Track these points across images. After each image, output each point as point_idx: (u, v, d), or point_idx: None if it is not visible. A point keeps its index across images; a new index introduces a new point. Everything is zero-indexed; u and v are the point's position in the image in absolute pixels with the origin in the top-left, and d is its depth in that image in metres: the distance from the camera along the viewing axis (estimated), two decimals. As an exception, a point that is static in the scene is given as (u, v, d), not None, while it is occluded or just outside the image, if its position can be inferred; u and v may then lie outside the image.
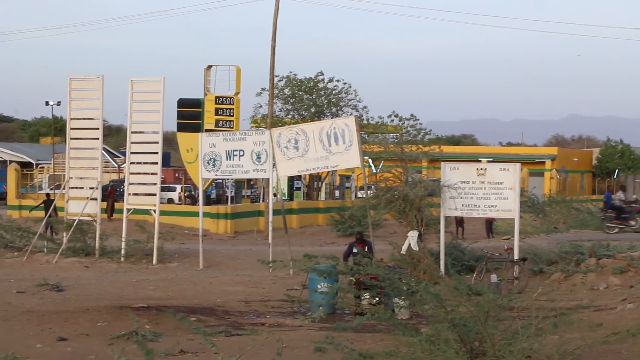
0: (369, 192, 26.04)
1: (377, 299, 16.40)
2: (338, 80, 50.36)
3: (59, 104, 68.41)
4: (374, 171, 41.33)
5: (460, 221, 36.34)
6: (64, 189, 28.14)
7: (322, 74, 49.93)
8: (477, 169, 20.97)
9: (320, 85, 49.78)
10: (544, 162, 74.92)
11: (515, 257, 20.59)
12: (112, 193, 42.63)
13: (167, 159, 60.05)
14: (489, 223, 36.52)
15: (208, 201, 48.27)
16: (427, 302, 11.19)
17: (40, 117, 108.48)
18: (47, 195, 41.06)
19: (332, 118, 44.47)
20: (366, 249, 18.37)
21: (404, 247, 20.48)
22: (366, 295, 16.44)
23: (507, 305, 11.23)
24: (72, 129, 27.78)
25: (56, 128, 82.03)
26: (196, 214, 30.06)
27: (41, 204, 36.74)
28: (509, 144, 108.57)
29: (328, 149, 22.99)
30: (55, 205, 30.24)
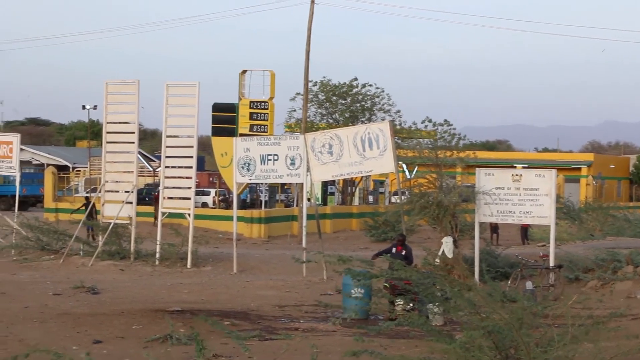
0: (402, 197, 25.97)
1: (411, 305, 16.34)
2: (371, 85, 50.37)
3: (95, 108, 69.06)
4: (408, 176, 41.26)
5: (494, 227, 36.12)
6: (100, 192, 28.37)
7: (357, 79, 49.97)
8: (513, 175, 20.85)
9: (355, 90, 49.77)
10: (579, 169, 74.27)
11: (551, 264, 20.43)
12: (158, 198, 42.61)
13: (202, 163, 60.28)
14: (525, 229, 36.28)
15: (242, 205, 48.39)
16: (461, 309, 11.12)
17: (76, 120, 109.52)
18: (87, 198, 41.41)
19: (366, 123, 44.41)
20: (403, 253, 18.30)
21: (439, 254, 20.40)
22: (400, 301, 16.38)
23: (542, 312, 11.14)
24: (108, 132, 28.01)
25: (92, 132, 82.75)
26: (230, 218, 30.14)
27: (82, 206, 37.08)
28: (545, 150, 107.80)
29: (362, 154, 22.98)
30: (94, 208, 30.52)
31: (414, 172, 40.66)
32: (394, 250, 18.52)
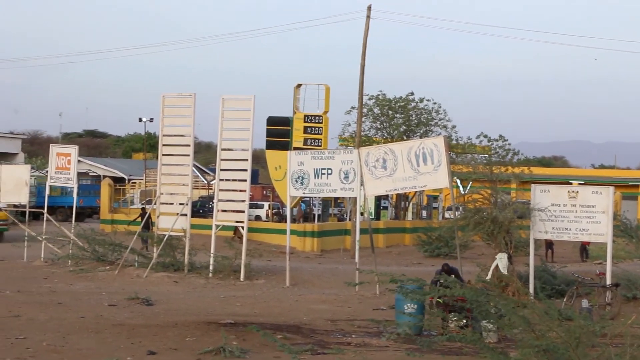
0: (457, 213, 25.80)
1: (465, 321, 16.19)
2: (428, 100, 50.22)
3: (151, 120, 69.87)
4: (462, 192, 40.98)
5: (549, 244, 35.73)
6: (155, 204, 28.65)
7: (413, 94, 49.85)
8: (569, 191, 20.59)
9: (411, 104, 49.64)
10: (637, 186, 73.09)
11: (608, 282, 20.10)
12: None
13: (256, 176, 60.60)
14: (584, 247, 35.83)
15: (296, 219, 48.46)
16: (516, 326, 10.99)
17: (133, 133, 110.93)
18: (143, 209, 41.88)
19: (421, 138, 44.26)
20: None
21: (491, 270, 20.21)
22: (453, 317, 16.24)
23: (600, 332, 10.95)
24: (164, 145, 28.30)
25: (148, 144, 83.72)
26: (283, 232, 30.23)
27: (137, 217, 37.53)
28: (601, 167, 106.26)
29: (416, 168, 22.88)
30: (150, 219, 30.85)
31: (468, 188, 40.37)
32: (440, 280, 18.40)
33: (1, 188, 32.55)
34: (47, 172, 35.93)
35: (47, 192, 32.92)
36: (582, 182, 48.75)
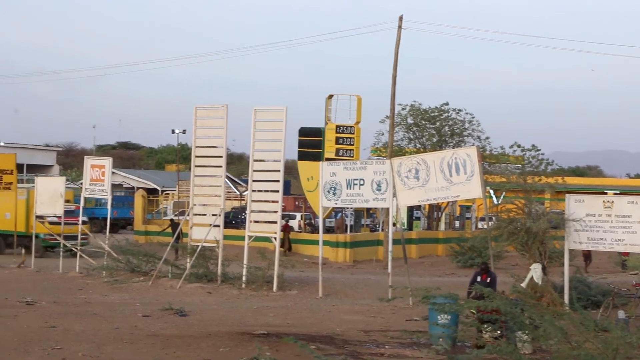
0: (490, 223, 25.68)
1: (499, 332, 16.07)
2: (461, 110, 50.07)
3: (184, 132, 70.26)
4: (496, 202, 40.73)
5: (587, 255, 35.47)
6: (188, 215, 28.79)
7: (447, 104, 49.75)
8: (604, 201, 20.36)
9: (444, 115, 49.50)
10: (673, 195, 72.15)
11: (644, 293, 19.87)
12: (287, 227, 43.04)
13: (288, 187, 60.72)
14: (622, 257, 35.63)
15: (327, 229, 48.49)
16: (551, 337, 10.91)
17: (166, 144, 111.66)
18: (172, 220, 42.14)
19: (453, 148, 44.11)
20: (488, 281, 18.05)
21: (526, 281, 20.05)
22: (488, 328, 16.14)
23: (637, 343, 10.83)
24: (196, 156, 28.46)
25: (181, 156, 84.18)
26: (316, 242, 30.25)
27: (167, 228, 37.71)
28: (637, 176, 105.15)
29: (449, 179, 22.80)
30: (181, 229, 31.01)
31: (502, 198, 40.12)
32: (478, 278, 18.30)
33: (37, 200, 32.91)
34: (81, 183, 36.29)
35: (82, 203, 33.20)
36: (618, 192, 48.28)
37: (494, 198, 45.27)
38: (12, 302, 22.13)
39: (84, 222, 39.72)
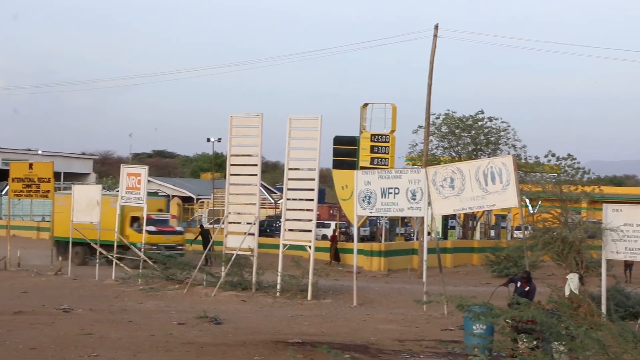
0: (525, 232, 25.46)
1: (535, 342, 15.93)
2: (497, 119, 49.82)
3: (219, 140, 70.61)
4: (531, 211, 40.48)
5: (629, 264, 35.12)
6: (223, 223, 28.88)
7: (482, 112, 49.54)
8: (642, 211, 20.13)
9: (479, 123, 49.29)
10: None
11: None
12: (335, 237, 43.07)
13: (322, 196, 60.79)
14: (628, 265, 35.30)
15: (362, 238, 48.43)
16: (588, 348, 10.80)
17: (201, 153, 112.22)
18: (201, 227, 42.41)
19: (489, 157, 43.90)
20: (527, 289, 17.91)
21: (567, 290, 19.87)
22: (524, 338, 15.99)
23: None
24: (231, 165, 28.56)
25: (216, 164, 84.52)
26: (350, 251, 30.21)
27: (198, 236, 37.85)
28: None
29: (485, 188, 22.68)
30: (211, 237, 31.11)
31: (537, 207, 39.86)
32: (518, 284, 18.18)
33: (74, 208, 33.20)
34: (117, 191, 36.49)
35: (118, 211, 33.43)
36: (655, 201, 47.69)
37: (530, 207, 44.99)
38: (49, 309, 22.35)
39: (179, 232, 39.50)
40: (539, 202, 40.83)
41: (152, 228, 35.09)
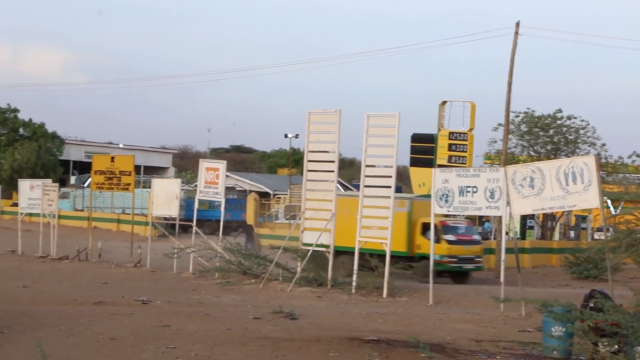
0: (607, 234, 24.93)
1: (617, 346, 15.57)
2: (576, 117, 48.96)
3: (297, 136, 71.02)
4: (613, 212, 39.65)
5: None
6: (299, 219, 28.97)
7: (561, 111, 48.72)
8: None
9: (558, 122, 48.52)
10: None
11: None
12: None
13: (399, 193, 60.54)
14: None
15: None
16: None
17: (278, 149, 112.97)
18: (244, 222, 42.73)
19: (568, 156, 43.16)
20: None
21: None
22: (605, 342, 15.65)
23: None
24: (309, 161, 28.58)
25: (293, 160, 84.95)
26: (427, 249, 29.87)
27: (242, 231, 38.05)
28: None
29: (565, 188, 22.26)
30: (255, 233, 31.22)
31: (620, 208, 39.02)
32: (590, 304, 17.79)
33: (153, 201, 33.74)
34: (195, 185, 36.97)
35: (196, 205, 33.84)
36: None
37: (612, 208, 44.08)
38: (128, 301, 22.75)
39: (478, 242, 34.78)
40: (622, 204, 39.91)
41: (452, 237, 32.16)
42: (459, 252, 32.23)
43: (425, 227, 30.68)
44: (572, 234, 56.23)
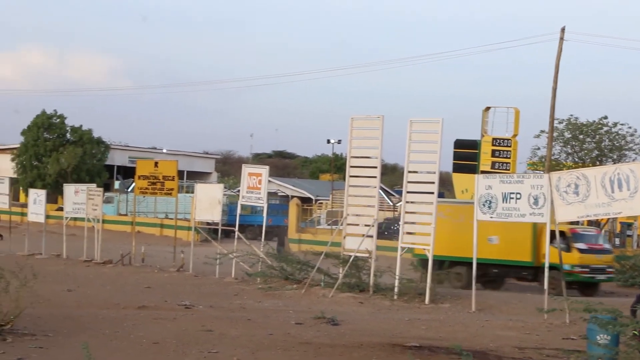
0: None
1: (664, 356, 15.33)
2: (622, 124, 48.41)
3: (339, 142, 71.03)
4: (659, 220, 39.12)
5: None
6: (341, 225, 28.96)
7: (607, 118, 48.22)
8: None
9: (604, 129, 48.01)
10: None
11: None
12: None
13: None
14: None
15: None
16: None
17: (320, 154, 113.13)
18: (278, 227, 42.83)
19: (614, 163, 42.67)
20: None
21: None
22: (651, 350, 15.41)
23: None
24: (351, 166, 28.56)
25: (335, 165, 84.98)
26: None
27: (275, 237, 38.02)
28: None
29: (611, 195, 22.01)
30: (287, 236, 31.23)
31: (666, 216, 38.47)
32: None
33: (196, 206, 33.95)
34: (238, 191, 37.12)
35: (239, 210, 33.97)
36: None
37: (658, 216, 43.46)
38: (171, 305, 22.90)
39: (609, 251, 32.97)
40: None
41: (583, 246, 30.78)
42: (591, 262, 30.74)
43: (554, 235, 27.97)
44: (617, 241, 55.54)
